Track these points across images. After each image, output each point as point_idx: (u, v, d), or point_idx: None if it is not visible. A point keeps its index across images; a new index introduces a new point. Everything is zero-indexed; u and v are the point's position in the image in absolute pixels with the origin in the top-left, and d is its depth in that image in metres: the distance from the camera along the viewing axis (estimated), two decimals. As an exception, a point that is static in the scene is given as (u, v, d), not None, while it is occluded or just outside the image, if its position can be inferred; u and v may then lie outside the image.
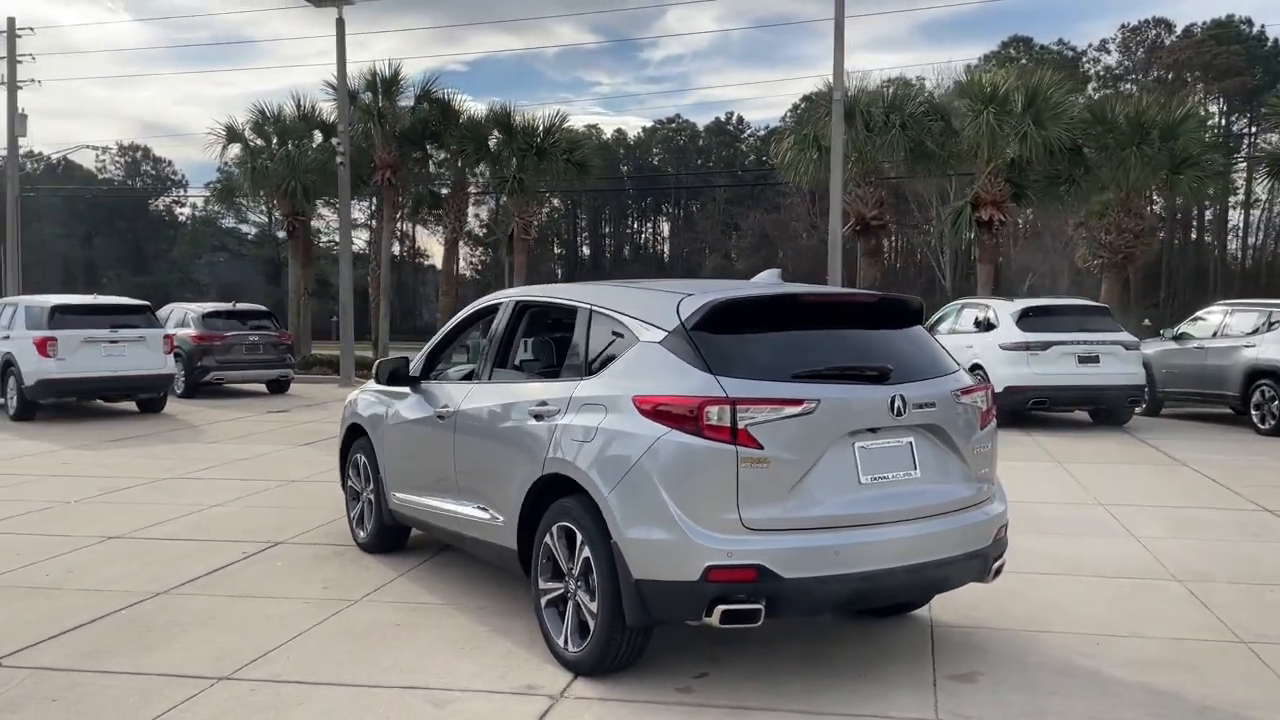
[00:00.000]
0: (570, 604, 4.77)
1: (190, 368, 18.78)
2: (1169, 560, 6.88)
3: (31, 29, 36.26)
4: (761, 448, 4.25)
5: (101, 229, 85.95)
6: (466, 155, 23.28)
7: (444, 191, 25.56)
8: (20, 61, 35.31)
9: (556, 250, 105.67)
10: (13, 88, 34.92)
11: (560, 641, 4.82)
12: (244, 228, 77.83)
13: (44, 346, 14.91)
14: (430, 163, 25.18)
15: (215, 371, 19.00)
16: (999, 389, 13.99)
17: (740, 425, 4.24)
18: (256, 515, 8.36)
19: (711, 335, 4.51)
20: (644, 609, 4.36)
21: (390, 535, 6.91)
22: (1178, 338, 15.74)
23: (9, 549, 7.20)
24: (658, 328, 4.65)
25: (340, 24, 21.84)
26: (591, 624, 4.61)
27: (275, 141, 25.38)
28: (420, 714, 4.32)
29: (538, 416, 5.04)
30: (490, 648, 5.15)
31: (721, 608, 4.19)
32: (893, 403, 4.48)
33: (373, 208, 29.47)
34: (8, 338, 15.49)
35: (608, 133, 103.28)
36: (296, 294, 25.90)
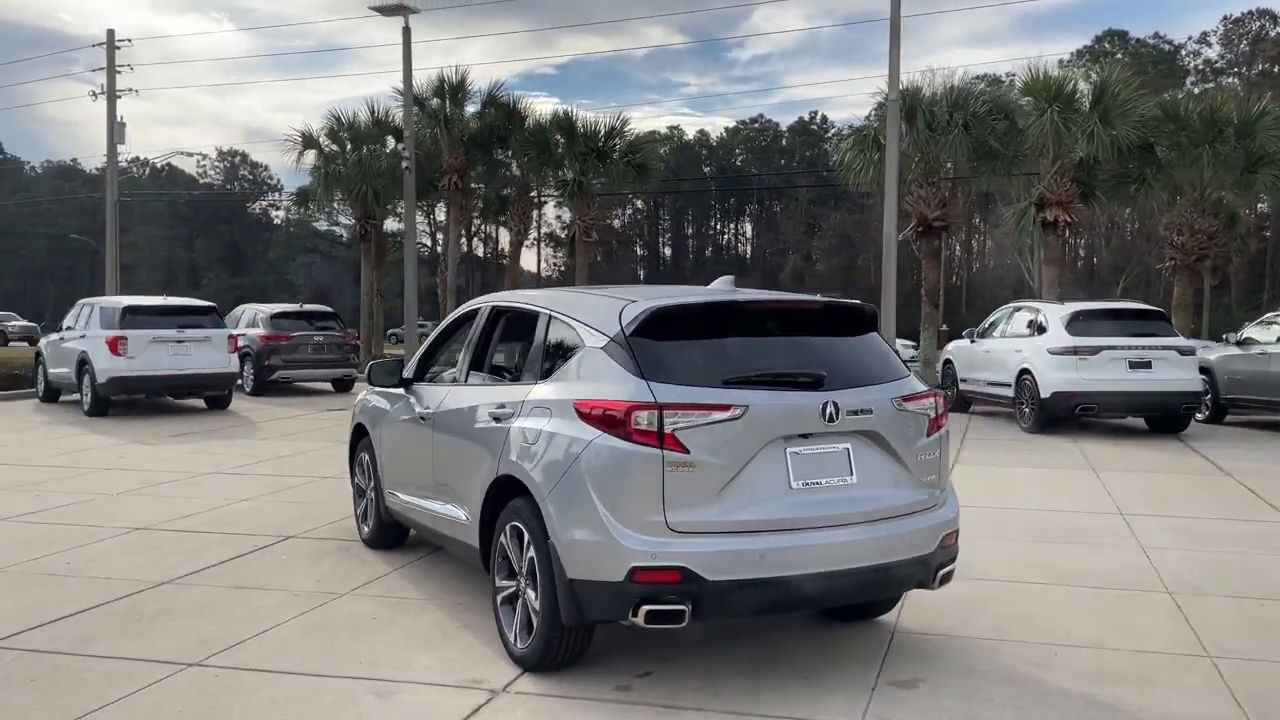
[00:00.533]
0: (520, 601, 4.91)
1: (258, 367, 19.50)
2: (1168, 572, 6.74)
3: (129, 40, 37.92)
4: (688, 452, 4.34)
5: (202, 232, 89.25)
6: (529, 159, 23.65)
7: (508, 194, 25.96)
8: (119, 71, 36.87)
9: (639, 251, 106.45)
10: (111, 97, 36.50)
11: (510, 637, 4.98)
12: (336, 230, 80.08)
13: (115, 345, 15.66)
14: (497, 167, 25.58)
15: (281, 370, 19.69)
16: (1046, 394, 13.77)
17: (667, 430, 4.34)
18: (279, 510, 8.71)
19: (649, 341, 4.61)
20: (578, 608, 4.48)
21: (390, 532, 7.15)
22: (1241, 343, 15.22)
23: (42, 537, 7.64)
24: (602, 333, 4.77)
25: (406, 32, 22.41)
26: (535, 621, 4.75)
27: (349, 147, 26.11)
28: (363, 704, 4.52)
29: (496, 419, 5.20)
30: (454, 643, 5.33)
31: (646, 608, 4.29)
32: (824, 409, 4.52)
33: (445, 210, 29.89)
34: (83, 337, 16.32)
35: (690, 134, 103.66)
36: (369, 295, 26.61)
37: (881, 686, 4.71)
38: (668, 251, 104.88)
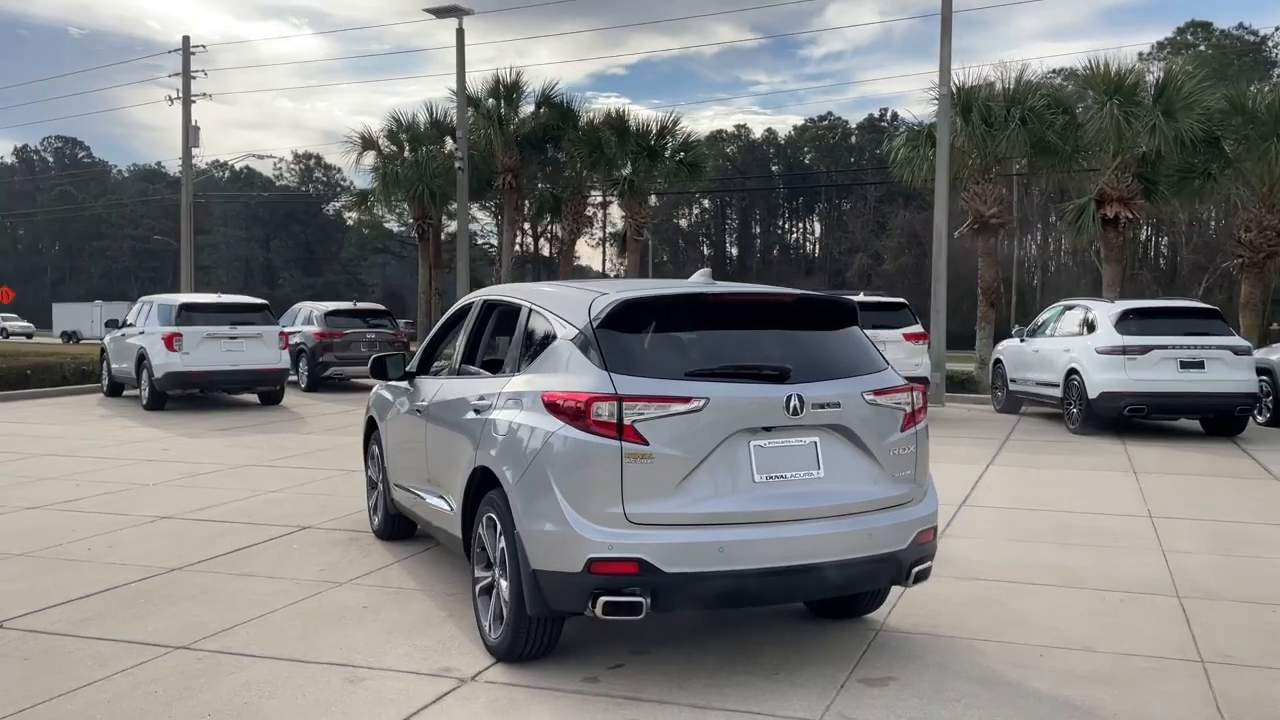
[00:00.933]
0: (495, 592, 4.95)
1: (312, 363, 19.93)
2: (1184, 576, 6.53)
3: (204, 46, 39.04)
4: (647, 444, 4.33)
5: (278, 233, 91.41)
6: (581, 158, 23.77)
7: (553, 193, 26.13)
8: (194, 77, 37.95)
9: (706, 250, 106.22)
10: (186, 102, 37.54)
11: (486, 627, 5.02)
12: (407, 230, 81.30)
13: (170, 342, 16.13)
14: (552, 166, 25.77)
15: (335, 367, 20.09)
16: (1093, 395, 13.43)
17: (626, 421, 4.33)
18: (302, 501, 8.89)
19: (615, 333, 4.61)
20: (541, 598, 4.50)
21: (397, 523, 7.24)
22: (1304, 342, 14.65)
23: (69, 525, 7.91)
24: (572, 326, 4.78)
25: (460, 34, 22.68)
26: (505, 611, 4.78)
27: (407, 149, 26.52)
28: (332, 689, 4.59)
29: (477, 411, 5.25)
30: (436, 632, 5.38)
31: (604, 599, 4.29)
32: (788, 402, 4.47)
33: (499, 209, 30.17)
34: (142, 333, 16.83)
35: (757, 133, 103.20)
36: (426, 293, 26.99)
37: (851, 684, 4.64)
38: (734, 251, 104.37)
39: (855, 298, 16.32)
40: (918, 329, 15.63)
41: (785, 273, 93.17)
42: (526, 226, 77.99)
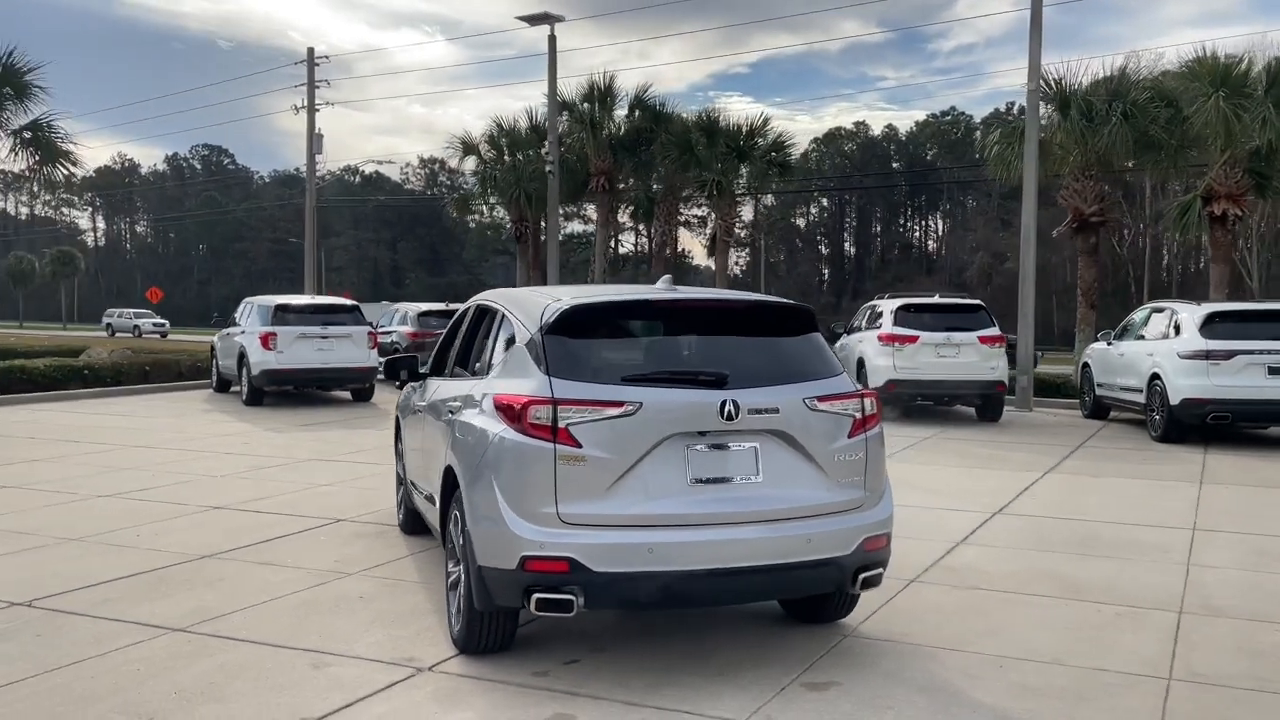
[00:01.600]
0: (458, 586, 5.16)
1: (405, 362, 20.62)
2: (1198, 591, 6.29)
3: (327, 57, 40.71)
4: (580, 446, 4.46)
5: (405, 235, 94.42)
6: (671, 160, 23.93)
7: (648, 195, 26.35)
8: (318, 86, 39.59)
9: (823, 250, 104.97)
10: (311, 110, 39.17)
11: (451, 620, 5.23)
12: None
13: (266, 341, 16.98)
14: (645, 169, 25.99)
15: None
16: (1175, 401, 12.92)
17: (561, 425, 4.47)
18: (345, 495, 9.30)
19: (562, 338, 4.75)
20: (485, 593, 4.68)
21: (417, 518, 7.52)
22: None
23: (130, 512, 8.48)
24: (528, 330, 4.95)
25: (552, 40, 23.12)
26: (463, 605, 4.98)
27: (506, 153, 27.16)
28: (295, 673, 4.86)
29: (451, 411, 5.47)
30: (417, 623, 5.62)
31: (536, 595, 4.45)
32: (722, 407, 4.53)
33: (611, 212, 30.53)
34: (243, 332, 17.77)
35: (876, 129, 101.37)
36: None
37: (793, 687, 4.67)
38: (852, 249, 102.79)
39: (930, 299, 16.08)
40: (994, 331, 15.24)
41: (904, 272, 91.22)
42: (640, 227, 78.83)
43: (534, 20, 22.99)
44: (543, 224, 26.16)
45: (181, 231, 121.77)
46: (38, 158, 18.76)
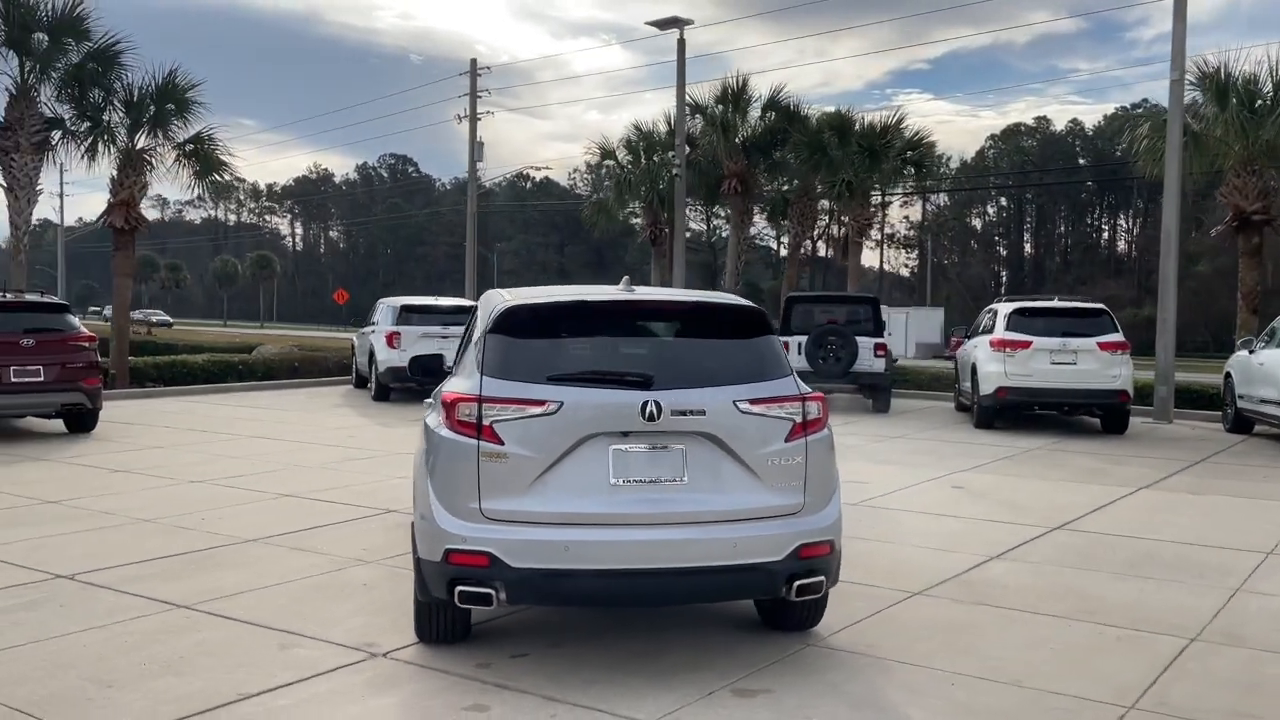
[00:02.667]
0: None
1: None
2: (1230, 618, 5.82)
3: (489, 68, 42.23)
4: (502, 443, 4.54)
5: (571, 239, 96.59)
6: (802, 160, 23.62)
7: (783, 196, 26.08)
8: (480, 96, 41.11)
9: (1001, 251, 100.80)
10: (473, 120, 40.73)
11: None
12: (687, 234, 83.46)
13: (391, 339, 17.82)
14: (779, 170, 25.76)
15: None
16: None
17: (486, 422, 4.57)
18: (406, 488, 9.65)
19: (501, 337, 4.85)
20: (423, 584, 4.83)
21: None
22: None
23: (208, 497, 9.10)
24: (482, 330, 5.07)
25: (681, 44, 23.23)
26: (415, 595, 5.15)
27: (643, 156, 27.46)
28: (263, 652, 5.13)
29: (429, 408, 5.65)
30: (398, 610, 5.77)
31: (459, 588, 4.56)
32: (644, 408, 4.51)
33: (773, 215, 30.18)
34: (374, 332, 18.70)
35: (1059, 124, 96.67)
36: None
37: (721, 692, 4.61)
38: (1031, 250, 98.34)
39: (1048, 303, 15.29)
40: (1116, 338, 14.35)
41: (1087, 274, 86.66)
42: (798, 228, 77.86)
43: (663, 24, 23.17)
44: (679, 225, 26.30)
45: (368, 236, 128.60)
46: (197, 169, 20.23)
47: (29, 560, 6.85)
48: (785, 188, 25.84)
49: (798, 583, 4.67)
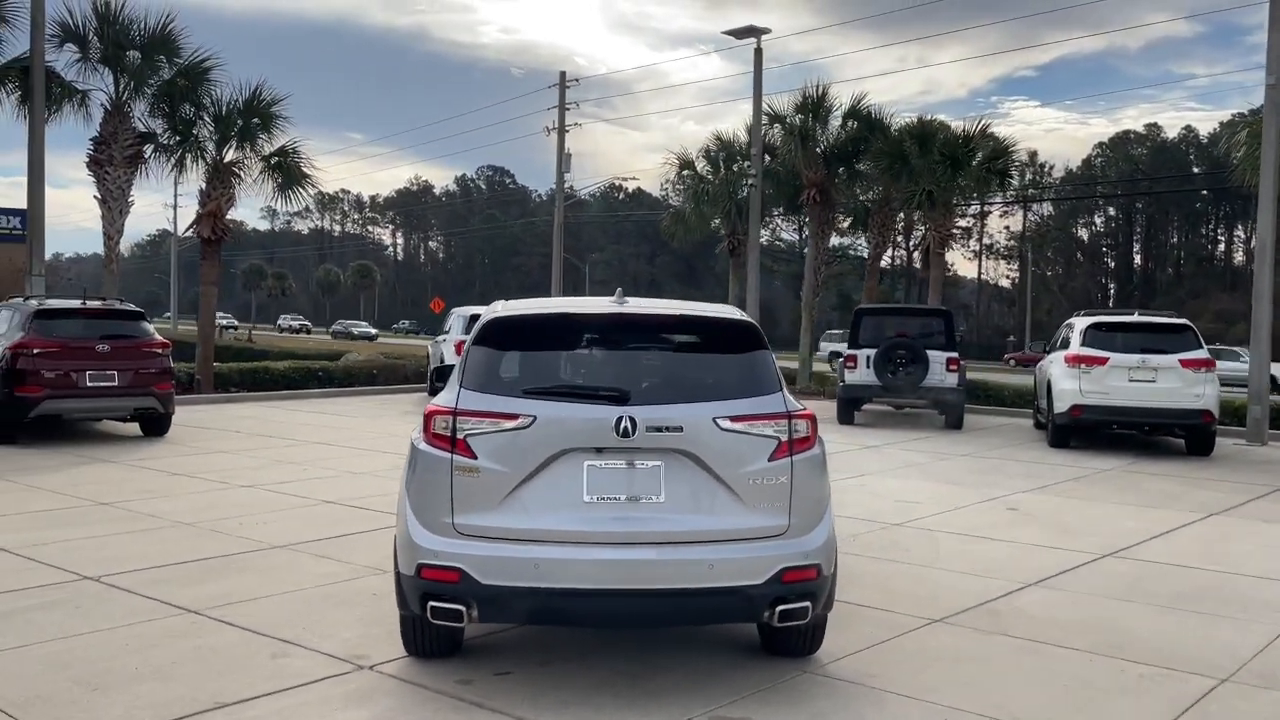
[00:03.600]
0: None
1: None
2: (1269, 658, 5.43)
3: (577, 80, 42.60)
4: (475, 457, 4.47)
5: (662, 249, 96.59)
6: (882, 169, 23.14)
7: (865, 205, 25.60)
8: (570, 108, 41.49)
9: (1109, 263, 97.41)
10: (561, 131, 41.18)
11: (407, 623, 5.36)
12: (778, 244, 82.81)
13: (459, 348, 17.87)
14: (856, 179, 25.30)
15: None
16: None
17: (460, 435, 4.50)
18: (449, 497, 9.70)
19: (484, 349, 4.80)
20: (401, 598, 4.79)
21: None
22: None
23: (251, 502, 9.27)
24: (470, 342, 5.01)
25: (758, 54, 23.01)
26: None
27: (722, 167, 27.27)
28: (253, 660, 5.14)
29: (426, 421, 5.62)
30: (394, 623, 5.68)
31: (431, 603, 4.49)
32: (618, 424, 4.38)
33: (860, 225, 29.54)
34: (445, 340, 18.95)
35: (1171, 132, 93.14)
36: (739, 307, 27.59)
37: (698, 719, 4.45)
38: (1140, 261, 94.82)
39: (1127, 318, 14.63)
40: (1200, 354, 13.63)
41: (1200, 286, 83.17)
42: (900, 240, 76.37)
43: (740, 34, 22.99)
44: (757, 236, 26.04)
45: (465, 246, 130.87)
46: (280, 181, 20.79)
47: (62, 561, 7.04)
48: (865, 198, 25.33)
49: (780, 608, 4.48)
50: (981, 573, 7.12)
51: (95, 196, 19.30)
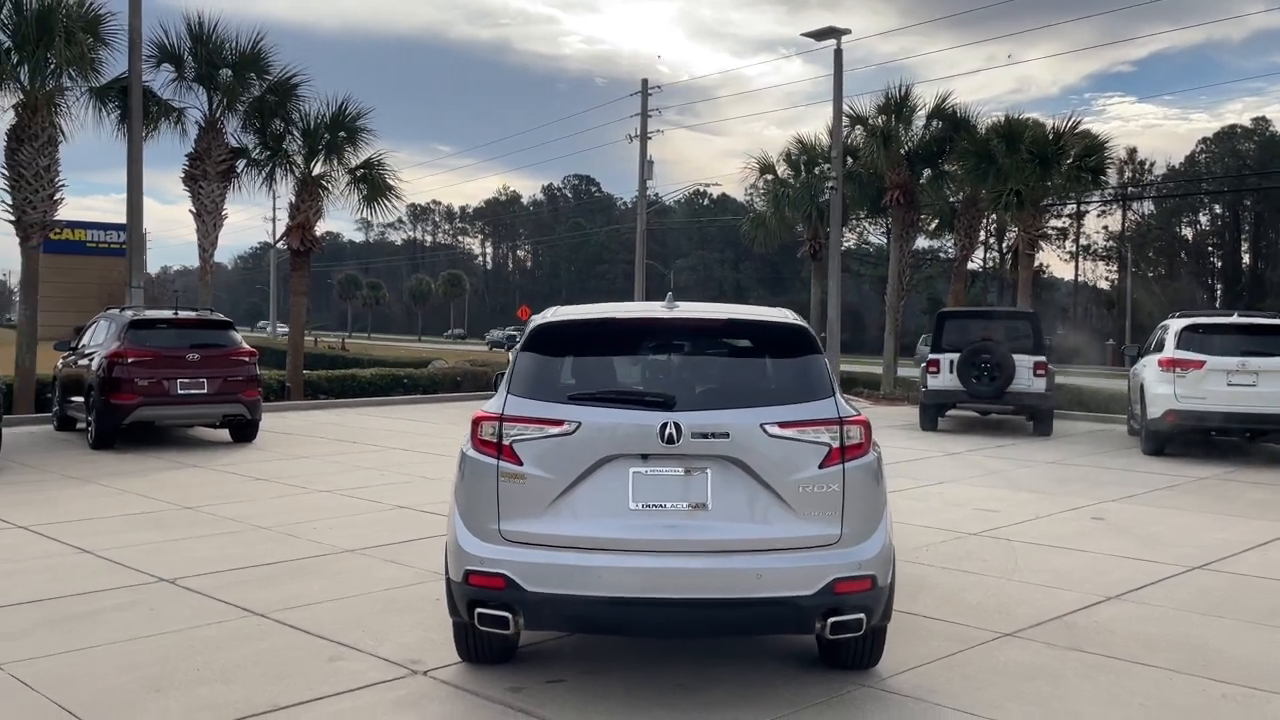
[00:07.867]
0: None
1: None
2: (1369, 680, 5.08)
3: (659, 87, 42.67)
4: (521, 464, 4.44)
5: (747, 255, 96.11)
6: (967, 169, 22.61)
7: (952, 206, 25.05)
8: (650, 115, 41.61)
9: (1216, 262, 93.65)
10: (643, 138, 41.34)
11: (463, 630, 5.37)
12: (867, 248, 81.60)
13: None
14: (941, 180, 24.77)
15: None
16: None
17: (506, 441, 4.49)
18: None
19: (532, 355, 4.78)
20: (452, 604, 4.79)
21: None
22: None
23: (327, 506, 9.43)
24: (518, 348, 5.01)
25: (838, 55, 22.70)
26: (453, 614, 5.10)
27: (803, 170, 27.00)
28: (311, 664, 5.21)
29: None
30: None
31: (477, 610, 4.48)
32: (663, 430, 4.31)
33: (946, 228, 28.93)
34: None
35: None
36: (816, 311, 27.22)
37: (748, 734, 4.36)
38: (1249, 262, 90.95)
39: (1225, 319, 14.00)
40: (1305, 356, 12.96)
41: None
42: (993, 241, 74.62)
43: (819, 35, 22.71)
44: (840, 239, 25.70)
45: (552, 254, 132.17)
46: (365, 193, 21.23)
47: (142, 563, 7.25)
48: (952, 199, 24.78)
49: (833, 620, 4.35)
50: (1058, 585, 6.86)
51: (190, 211, 19.97)
